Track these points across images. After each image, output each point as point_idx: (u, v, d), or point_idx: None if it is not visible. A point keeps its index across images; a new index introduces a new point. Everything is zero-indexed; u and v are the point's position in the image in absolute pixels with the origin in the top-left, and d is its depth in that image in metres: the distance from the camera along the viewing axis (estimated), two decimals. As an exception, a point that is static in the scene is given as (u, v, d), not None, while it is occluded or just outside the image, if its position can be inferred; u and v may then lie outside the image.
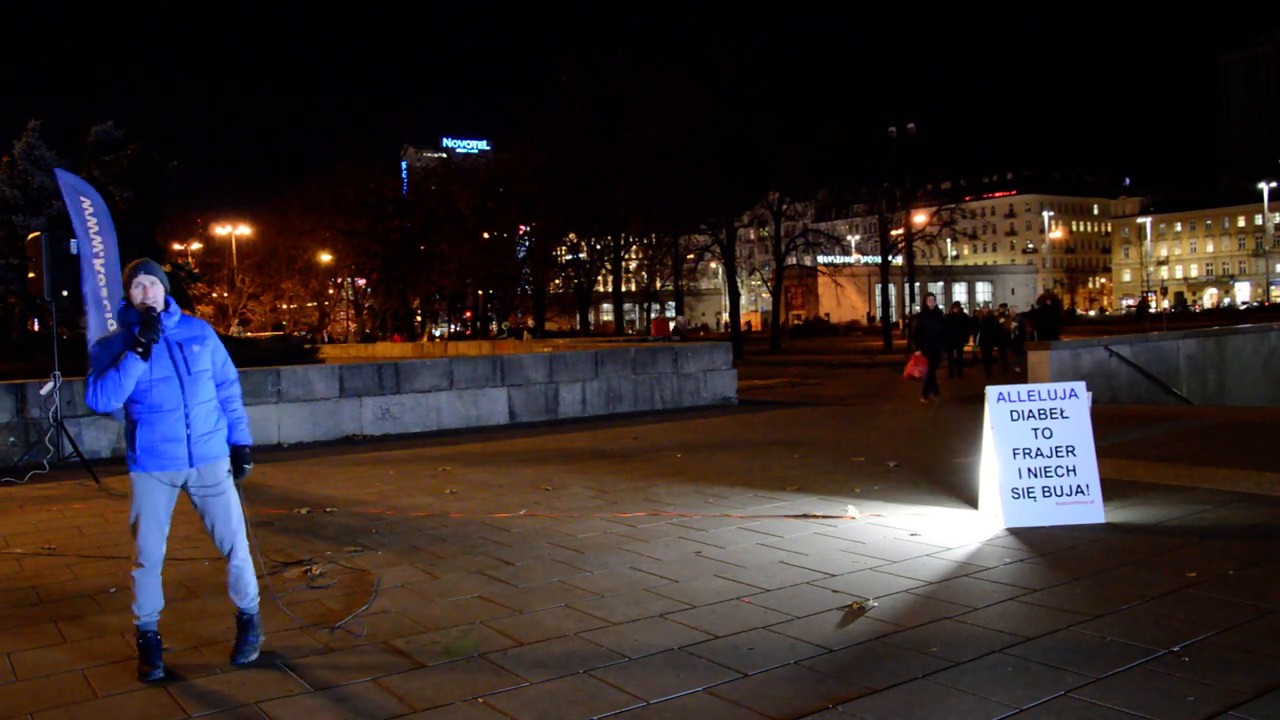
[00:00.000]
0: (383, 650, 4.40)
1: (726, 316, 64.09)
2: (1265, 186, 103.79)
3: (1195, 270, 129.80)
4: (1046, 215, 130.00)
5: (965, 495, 7.44)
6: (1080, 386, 6.85)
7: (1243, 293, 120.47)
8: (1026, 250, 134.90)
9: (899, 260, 49.37)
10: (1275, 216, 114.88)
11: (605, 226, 53.97)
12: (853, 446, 10.75)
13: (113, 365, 4.09)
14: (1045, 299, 22.61)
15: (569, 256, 62.35)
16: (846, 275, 69.63)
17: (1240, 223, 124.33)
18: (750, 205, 49.75)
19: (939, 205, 54.10)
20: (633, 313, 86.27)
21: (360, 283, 72.37)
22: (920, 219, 48.12)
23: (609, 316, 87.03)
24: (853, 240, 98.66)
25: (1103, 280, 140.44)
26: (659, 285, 64.77)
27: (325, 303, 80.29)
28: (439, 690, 3.88)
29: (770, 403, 17.27)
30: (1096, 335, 22.02)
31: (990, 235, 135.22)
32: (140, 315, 4.15)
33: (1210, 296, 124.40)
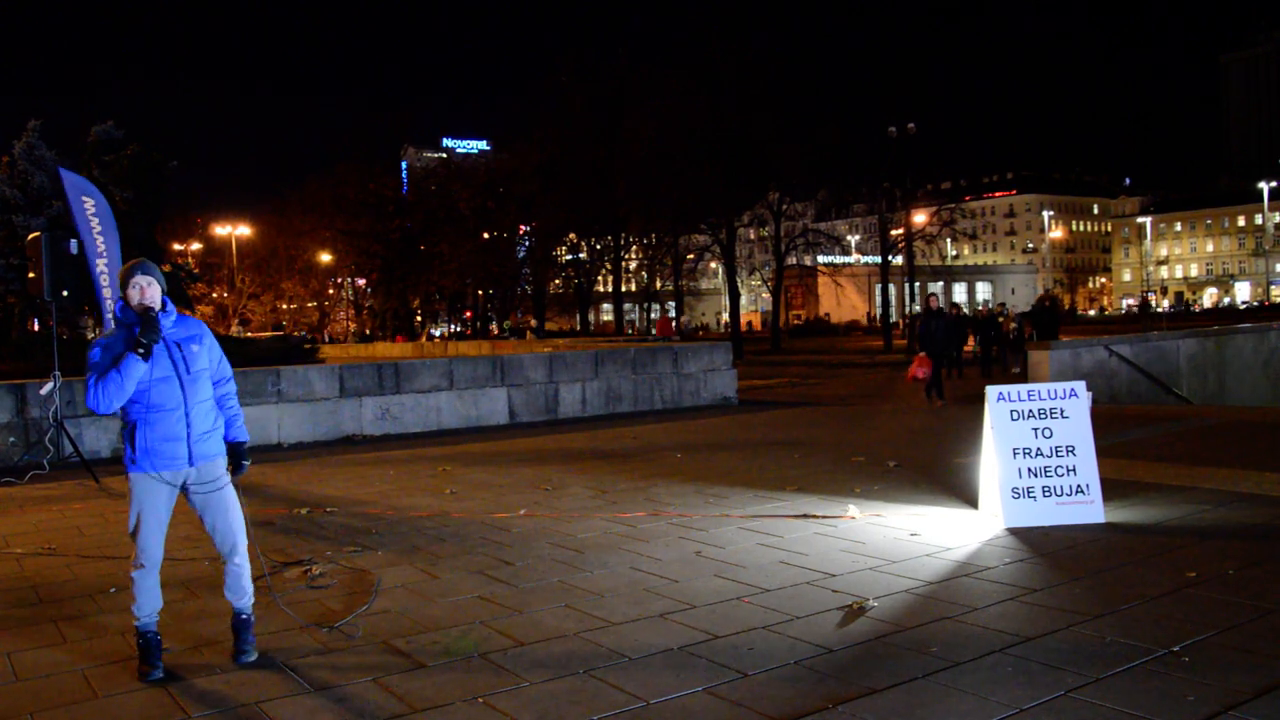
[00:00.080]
0: (383, 650, 4.40)
1: (726, 316, 64.03)
2: (1265, 186, 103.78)
3: (1195, 270, 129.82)
4: (1046, 215, 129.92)
5: (965, 495, 7.44)
6: (1080, 386, 6.85)
7: (1243, 292, 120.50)
8: (1026, 250, 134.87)
9: (899, 260, 49.34)
10: (1275, 216, 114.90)
11: (605, 226, 53.92)
12: (853, 446, 10.75)
13: (114, 366, 4.09)
14: (1044, 299, 22.64)
15: (569, 256, 62.30)
16: (846, 275, 69.59)
17: (1240, 222, 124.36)
18: (750, 205, 49.75)
19: (939, 205, 54.01)
20: (633, 313, 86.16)
21: (360, 283, 72.34)
22: (920, 219, 48.09)
23: (609, 316, 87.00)
24: (853, 240, 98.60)
25: (1103, 280, 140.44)
26: (659, 285, 64.72)
27: (325, 303, 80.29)
28: (439, 690, 3.88)
29: (770, 403, 17.27)
30: (1096, 335, 22.04)
31: (990, 235, 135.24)
32: (139, 315, 4.15)
33: (1210, 296, 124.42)
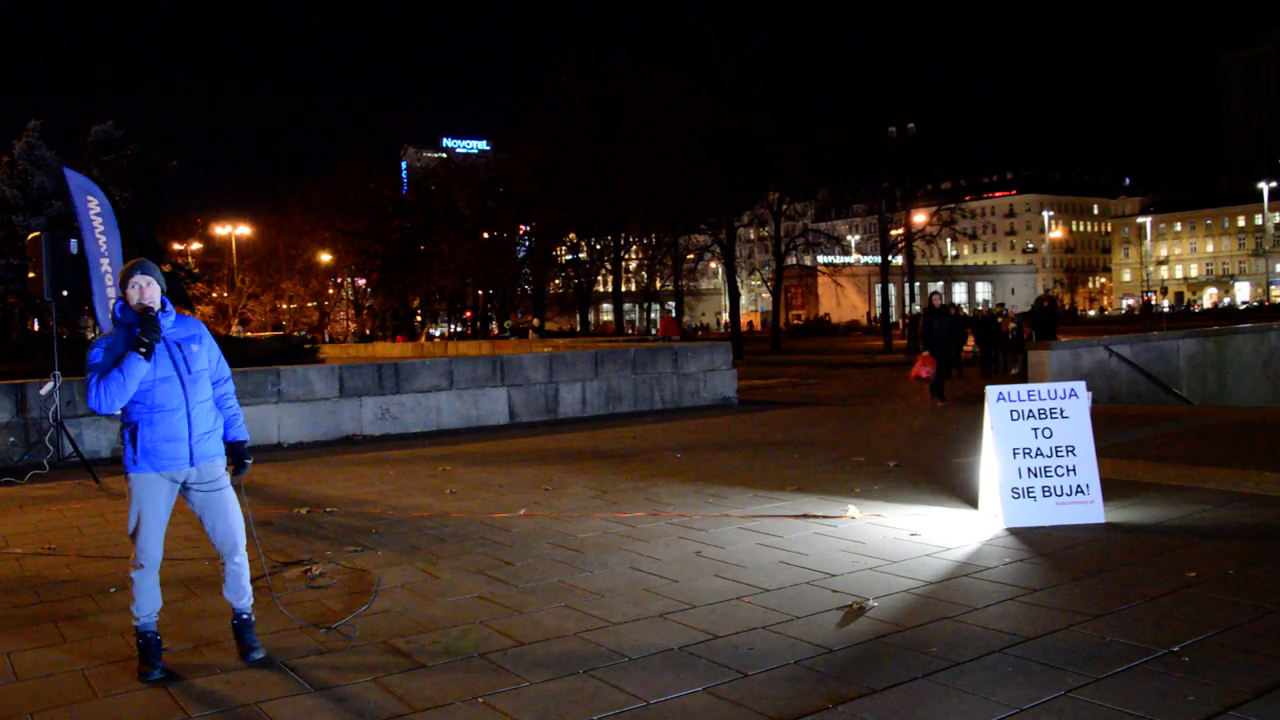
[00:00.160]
0: (383, 650, 4.40)
1: (726, 316, 64.05)
2: (1265, 186, 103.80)
3: (1195, 270, 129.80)
4: (1046, 215, 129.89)
5: (965, 495, 7.44)
6: (1080, 386, 6.85)
7: (1243, 292, 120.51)
8: (1026, 250, 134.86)
9: (899, 260, 49.35)
10: (1275, 216, 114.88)
11: (605, 226, 53.90)
12: (853, 446, 10.75)
13: (115, 366, 4.08)
14: (1043, 299, 22.68)
15: (569, 256, 62.31)
16: (846, 275, 69.60)
17: (1240, 223, 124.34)
18: (750, 205, 49.73)
19: (939, 205, 54.02)
20: (633, 313, 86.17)
21: (360, 283, 72.32)
22: (920, 219, 48.09)
23: (609, 316, 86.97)
24: (853, 240, 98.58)
25: (1103, 280, 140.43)
26: (659, 285, 64.75)
27: (325, 303, 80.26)
28: (439, 690, 3.88)
29: (770, 403, 17.26)
30: (1096, 335, 22.03)
31: (990, 235, 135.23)
32: (138, 315, 4.15)
33: (1210, 296, 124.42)
